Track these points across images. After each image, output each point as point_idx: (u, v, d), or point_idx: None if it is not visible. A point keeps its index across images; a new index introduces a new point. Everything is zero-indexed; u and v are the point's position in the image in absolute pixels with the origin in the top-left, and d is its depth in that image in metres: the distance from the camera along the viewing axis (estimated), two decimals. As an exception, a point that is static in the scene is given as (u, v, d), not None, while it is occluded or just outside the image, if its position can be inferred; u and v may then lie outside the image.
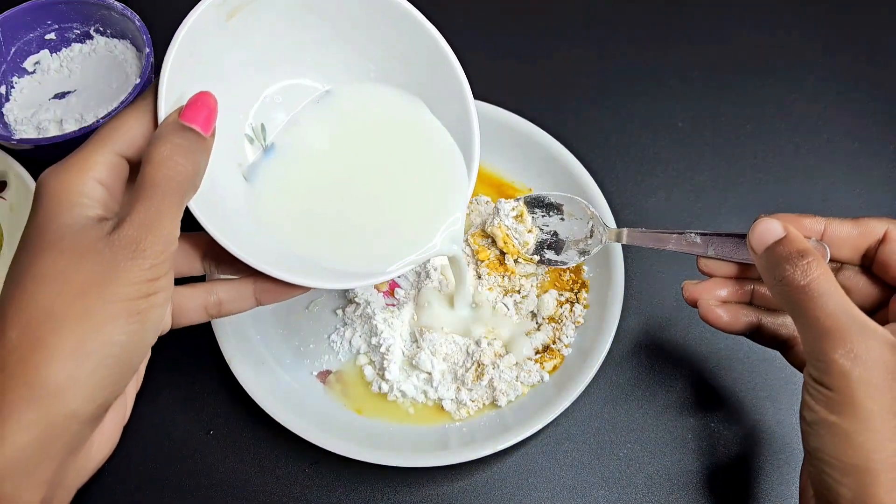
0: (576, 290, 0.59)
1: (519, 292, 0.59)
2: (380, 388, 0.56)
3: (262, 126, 0.49)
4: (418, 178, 0.50)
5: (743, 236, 0.46)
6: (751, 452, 0.54)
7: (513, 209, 0.58)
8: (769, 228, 0.42)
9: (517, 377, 0.56)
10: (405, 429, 0.55)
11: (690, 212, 0.64)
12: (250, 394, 0.53)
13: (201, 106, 0.40)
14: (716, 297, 0.48)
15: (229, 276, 0.47)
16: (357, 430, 0.54)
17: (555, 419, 0.52)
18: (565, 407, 0.52)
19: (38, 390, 0.34)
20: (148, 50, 0.64)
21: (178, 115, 0.40)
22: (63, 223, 0.37)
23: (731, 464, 0.54)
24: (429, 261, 0.58)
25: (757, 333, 0.48)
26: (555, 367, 0.56)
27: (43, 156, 0.61)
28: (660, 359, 0.58)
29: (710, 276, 0.49)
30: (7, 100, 0.67)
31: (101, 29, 0.69)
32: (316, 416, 0.53)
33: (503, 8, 0.76)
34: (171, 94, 0.41)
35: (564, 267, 0.58)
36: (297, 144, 0.50)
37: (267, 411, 0.52)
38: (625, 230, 0.54)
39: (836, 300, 0.39)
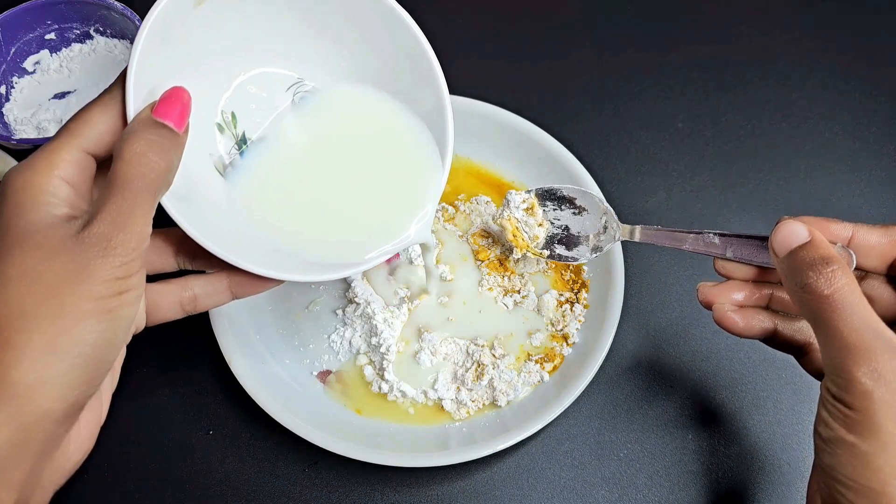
0: (576, 290, 0.59)
1: (519, 292, 0.59)
2: (380, 388, 0.56)
3: (233, 115, 0.49)
4: (393, 173, 0.50)
5: (764, 238, 0.45)
6: (752, 453, 0.54)
7: (523, 201, 0.57)
8: (793, 231, 0.40)
9: (517, 377, 0.56)
10: (405, 429, 0.54)
11: (691, 212, 0.64)
12: (250, 394, 0.53)
13: (175, 101, 0.40)
14: (731, 300, 0.46)
15: (204, 270, 0.47)
16: (357, 430, 0.54)
17: (555, 419, 0.52)
18: (565, 407, 0.52)
19: (9, 390, 0.33)
20: (147, 50, 0.64)
21: (150, 110, 0.40)
22: (30, 221, 0.36)
23: (731, 464, 0.54)
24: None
25: (771, 338, 0.46)
26: (555, 368, 0.56)
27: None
28: (660, 359, 0.58)
29: (727, 277, 0.48)
30: (7, 100, 0.67)
31: (101, 29, 0.69)
32: (316, 416, 0.53)
33: (503, 8, 0.76)
34: (140, 87, 0.40)
35: (576, 263, 0.57)
36: (275, 141, 0.50)
37: (267, 411, 0.52)
38: (638, 227, 0.52)
39: (862, 314, 0.37)
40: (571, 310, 0.58)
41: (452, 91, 0.63)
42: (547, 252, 0.57)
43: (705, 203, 0.65)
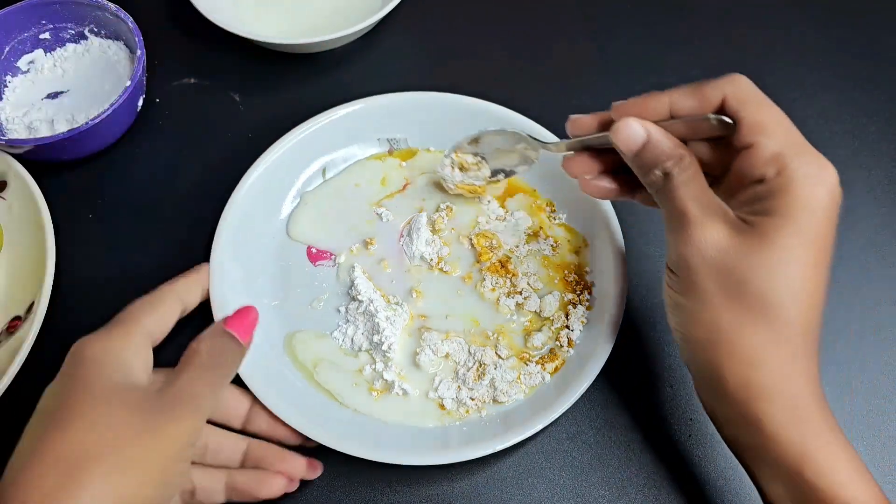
0: (578, 292, 0.58)
1: (521, 293, 0.58)
2: (381, 385, 0.55)
3: None
4: None
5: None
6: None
7: (451, 165, 0.60)
8: (631, 133, 0.45)
9: (518, 377, 0.55)
10: (406, 427, 0.54)
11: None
12: (252, 390, 0.52)
13: (243, 317, 0.49)
14: (595, 169, 0.51)
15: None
16: (357, 428, 0.53)
17: (555, 419, 0.52)
18: (566, 408, 0.52)
19: None
20: (140, 52, 0.63)
21: (223, 322, 0.49)
22: (113, 380, 0.42)
23: (732, 464, 0.53)
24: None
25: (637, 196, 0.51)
26: (556, 369, 0.56)
27: (36, 156, 0.61)
28: (662, 360, 0.58)
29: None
30: (0, 98, 0.66)
31: (96, 29, 0.69)
32: (316, 414, 0.53)
33: (503, 8, 0.76)
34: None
35: (524, 170, 0.60)
36: None
37: (270, 408, 0.52)
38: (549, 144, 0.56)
39: (693, 191, 0.43)
40: (573, 311, 0.57)
41: (454, 90, 0.64)
42: (502, 175, 0.60)
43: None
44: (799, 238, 0.41)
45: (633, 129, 0.45)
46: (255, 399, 0.52)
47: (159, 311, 0.49)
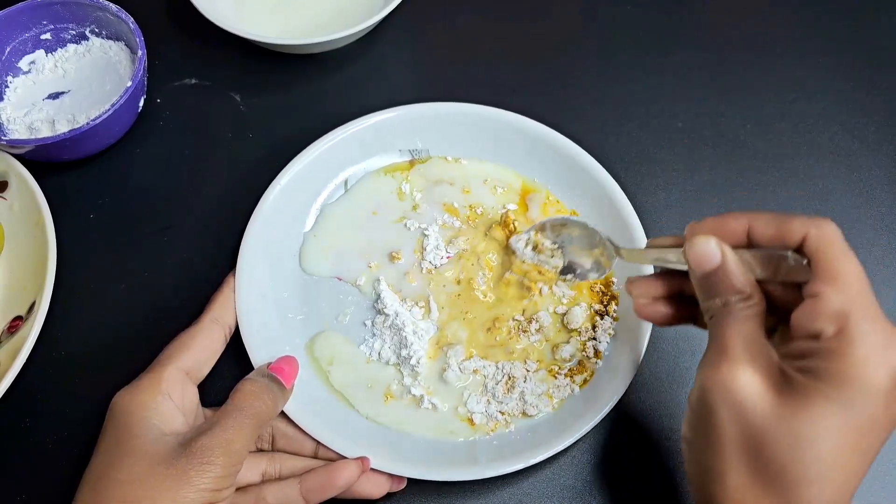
0: (605, 303, 0.58)
1: (531, 322, 0.58)
2: (409, 399, 0.55)
3: None
4: None
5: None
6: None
7: (527, 243, 0.57)
8: (706, 253, 0.42)
9: (547, 390, 0.55)
10: (434, 441, 0.53)
11: (690, 212, 0.64)
12: (284, 408, 0.52)
13: (287, 363, 0.52)
14: (652, 293, 0.48)
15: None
16: (385, 441, 0.53)
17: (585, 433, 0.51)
18: (598, 420, 0.51)
19: None
20: (141, 52, 0.63)
21: (267, 366, 0.51)
22: (139, 435, 0.44)
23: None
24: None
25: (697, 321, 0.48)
26: (585, 381, 0.55)
27: (37, 157, 0.61)
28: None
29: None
30: (1, 99, 0.66)
31: (97, 30, 0.69)
32: (344, 428, 0.53)
33: (503, 9, 0.76)
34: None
35: (599, 279, 0.56)
36: None
37: (300, 424, 0.51)
38: (623, 249, 0.52)
39: (742, 330, 0.40)
40: (601, 322, 0.57)
41: (455, 92, 0.63)
42: (571, 275, 0.56)
43: (705, 203, 0.65)
44: (841, 416, 0.36)
45: (709, 248, 0.42)
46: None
47: (197, 345, 0.51)
